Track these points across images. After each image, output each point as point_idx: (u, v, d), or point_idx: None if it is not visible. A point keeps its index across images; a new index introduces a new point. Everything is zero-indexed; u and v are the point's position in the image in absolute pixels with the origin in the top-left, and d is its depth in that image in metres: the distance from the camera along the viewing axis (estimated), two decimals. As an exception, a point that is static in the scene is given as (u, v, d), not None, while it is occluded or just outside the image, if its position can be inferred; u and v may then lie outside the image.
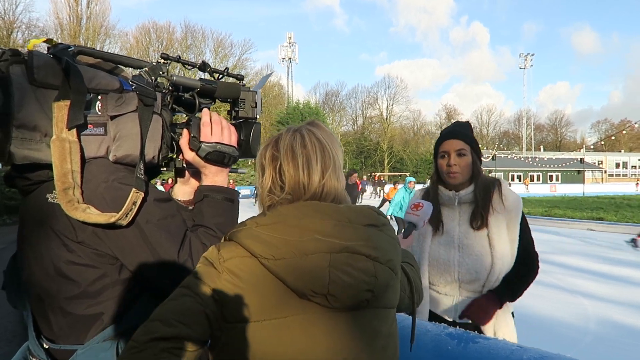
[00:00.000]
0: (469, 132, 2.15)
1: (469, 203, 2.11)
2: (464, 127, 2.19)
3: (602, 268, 8.08)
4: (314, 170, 1.04)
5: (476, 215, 2.06)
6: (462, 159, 2.08)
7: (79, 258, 1.10)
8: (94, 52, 1.19)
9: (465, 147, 2.08)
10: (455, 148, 2.08)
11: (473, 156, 2.10)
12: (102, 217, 1.04)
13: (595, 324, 5.26)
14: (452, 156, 2.08)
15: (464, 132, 2.14)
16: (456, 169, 2.07)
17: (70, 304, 1.11)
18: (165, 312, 0.92)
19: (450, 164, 2.08)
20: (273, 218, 0.98)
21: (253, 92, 1.32)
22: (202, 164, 1.25)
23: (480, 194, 2.07)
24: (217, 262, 0.96)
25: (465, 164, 2.08)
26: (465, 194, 2.10)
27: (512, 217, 2.04)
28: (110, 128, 1.12)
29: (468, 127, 2.21)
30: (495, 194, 2.07)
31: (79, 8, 39.25)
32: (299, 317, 0.95)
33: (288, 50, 67.52)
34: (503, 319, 2.01)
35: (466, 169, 2.09)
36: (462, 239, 2.08)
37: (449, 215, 2.16)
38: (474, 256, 2.03)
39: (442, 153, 2.14)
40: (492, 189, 2.08)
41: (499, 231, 2.02)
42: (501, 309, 2.01)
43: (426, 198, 2.21)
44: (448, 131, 2.18)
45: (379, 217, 1.06)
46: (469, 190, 2.10)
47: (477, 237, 2.05)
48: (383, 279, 0.99)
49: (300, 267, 0.93)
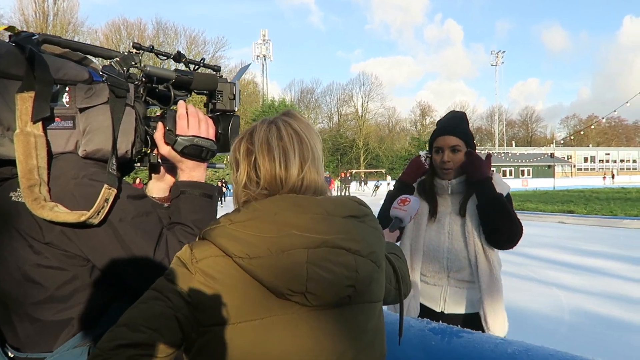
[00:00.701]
0: (464, 125, 2.17)
1: (461, 193, 2.15)
2: (460, 119, 2.20)
3: (575, 259, 8.28)
4: (291, 163, 0.98)
5: (464, 203, 2.10)
6: (457, 155, 2.11)
7: (46, 260, 1.03)
8: (60, 41, 1.12)
9: (459, 143, 2.10)
10: (449, 144, 2.11)
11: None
12: (72, 215, 0.98)
13: (569, 315, 5.39)
14: (447, 152, 2.11)
15: (460, 125, 2.15)
16: (450, 165, 2.10)
17: (37, 310, 1.04)
18: (133, 317, 0.86)
19: (445, 160, 2.10)
20: (247, 214, 0.93)
21: (231, 84, 1.27)
22: (178, 158, 1.19)
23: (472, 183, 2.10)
24: (190, 263, 0.91)
25: (460, 159, 2.11)
26: (457, 182, 2.14)
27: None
28: (79, 121, 1.05)
29: (463, 119, 2.22)
30: None
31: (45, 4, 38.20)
32: (278, 318, 0.90)
33: (262, 48, 67.08)
34: (494, 309, 2.01)
35: (460, 164, 2.12)
36: (452, 226, 2.11)
37: (442, 204, 2.19)
38: (462, 244, 2.07)
39: (437, 148, 2.15)
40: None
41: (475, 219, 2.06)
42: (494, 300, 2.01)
43: (421, 189, 2.23)
44: (443, 126, 2.18)
45: (360, 207, 1.02)
46: (461, 180, 2.14)
47: (463, 225, 2.09)
48: (365, 272, 0.95)
49: (277, 265, 0.88)
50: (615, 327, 4.93)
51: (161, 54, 1.23)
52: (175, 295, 0.89)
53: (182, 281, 0.90)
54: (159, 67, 1.18)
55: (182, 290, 0.89)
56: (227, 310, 0.88)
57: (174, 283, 0.90)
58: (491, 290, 2.00)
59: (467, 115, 2.32)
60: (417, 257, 2.15)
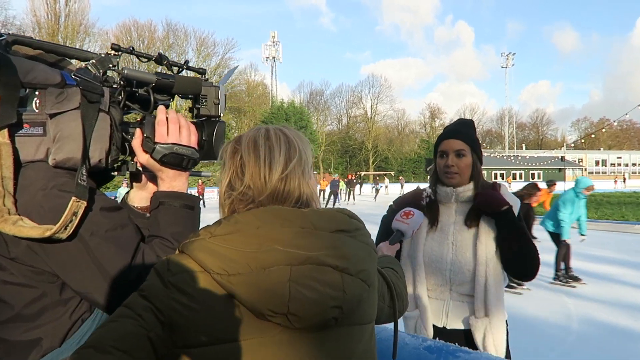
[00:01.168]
0: (470, 132, 2.07)
1: (467, 202, 2.04)
2: (466, 126, 2.10)
3: (584, 266, 8.11)
4: (275, 161, 0.93)
5: (472, 214, 2.00)
6: (461, 159, 2.00)
7: (12, 276, 0.96)
8: (31, 42, 1.05)
9: (464, 148, 2.00)
10: (454, 148, 2.00)
11: (473, 157, 2.02)
12: (37, 230, 0.91)
13: (578, 323, 5.26)
14: (451, 156, 2.00)
15: (466, 131, 2.05)
16: (454, 169, 1.99)
17: (3, 329, 0.98)
18: (101, 337, 0.79)
19: (448, 164, 2.00)
20: (229, 227, 0.87)
21: (216, 88, 1.20)
22: (157, 167, 1.12)
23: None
24: (165, 277, 0.84)
25: (465, 165, 2.00)
26: (463, 190, 2.03)
27: None
28: (49, 128, 0.99)
29: (471, 125, 2.12)
30: None
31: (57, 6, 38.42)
32: (258, 341, 0.83)
33: (272, 49, 67.06)
34: (494, 325, 1.90)
35: (465, 170, 2.01)
36: (457, 237, 2.00)
37: (444, 212, 2.08)
38: (467, 255, 1.95)
39: (441, 152, 2.05)
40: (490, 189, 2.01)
41: (488, 232, 1.94)
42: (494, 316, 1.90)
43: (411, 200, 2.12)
44: (448, 130, 2.09)
45: (351, 221, 0.95)
46: (468, 188, 2.03)
47: (470, 236, 1.98)
48: (353, 293, 0.88)
49: (257, 283, 0.81)
50: (625, 337, 4.79)
51: (142, 56, 1.16)
52: (148, 313, 0.82)
53: (155, 297, 0.83)
54: (138, 70, 1.11)
55: (156, 307, 0.82)
56: (203, 331, 0.82)
57: (147, 299, 0.84)
58: (496, 307, 1.90)
59: (477, 117, 2.28)
60: (418, 269, 2.03)
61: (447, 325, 1.97)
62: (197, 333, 0.82)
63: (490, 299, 1.89)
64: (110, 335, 0.80)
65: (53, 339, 1.00)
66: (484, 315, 1.91)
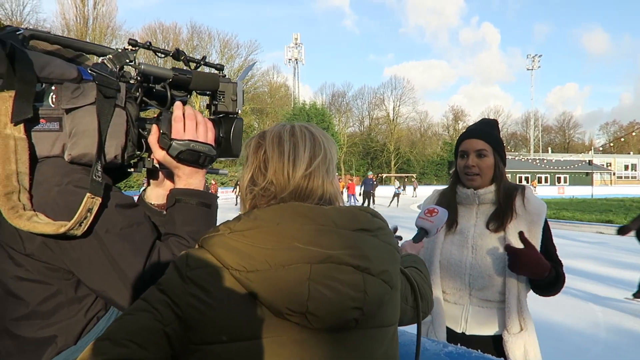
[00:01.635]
0: (493, 131, 1.99)
1: (489, 204, 1.96)
2: (489, 126, 2.01)
3: (613, 273, 7.88)
4: (300, 158, 0.92)
5: (495, 217, 1.90)
6: (483, 160, 1.91)
7: (27, 273, 0.95)
8: (48, 37, 1.05)
9: (486, 148, 1.91)
10: (475, 148, 1.92)
11: (495, 158, 1.93)
12: (51, 226, 0.90)
13: (605, 332, 5.10)
14: (472, 157, 1.92)
15: (488, 130, 1.97)
16: (475, 170, 1.91)
17: (18, 326, 0.97)
18: (117, 330, 0.79)
19: (469, 165, 1.91)
20: (248, 223, 0.85)
21: (233, 84, 1.17)
22: (174, 164, 1.10)
23: (502, 196, 1.91)
24: (184, 272, 0.83)
25: (486, 165, 1.91)
26: (484, 192, 1.94)
27: (534, 222, 1.87)
28: (66, 123, 0.97)
29: (494, 125, 2.04)
30: (517, 196, 1.92)
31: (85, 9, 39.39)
32: (275, 340, 0.81)
33: (294, 51, 67.39)
34: (532, 337, 1.83)
35: (486, 171, 1.92)
36: (477, 240, 1.91)
37: (464, 215, 1.99)
38: (488, 260, 1.86)
39: (462, 152, 1.97)
40: (515, 192, 1.93)
41: (517, 239, 1.84)
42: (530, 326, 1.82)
43: (442, 198, 2.05)
44: (470, 129, 2.01)
45: (373, 219, 0.92)
46: (489, 190, 1.94)
47: (492, 240, 1.89)
48: (375, 294, 0.84)
49: (276, 280, 0.79)
50: (656, 348, 4.61)
51: (159, 51, 1.15)
52: (165, 308, 0.81)
53: (173, 292, 0.82)
54: (155, 65, 1.09)
55: (173, 301, 0.81)
56: (220, 327, 0.80)
57: (164, 293, 0.82)
58: (529, 317, 1.82)
59: (501, 120, 2.20)
60: (434, 266, 1.95)
61: (466, 330, 1.89)
62: (214, 330, 0.80)
63: (524, 310, 1.82)
64: (126, 328, 0.79)
65: (68, 336, 0.99)
66: (519, 329, 1.82)
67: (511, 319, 1.82)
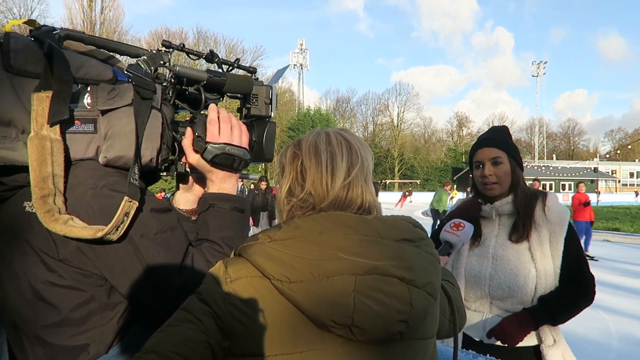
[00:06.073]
0: (505, 138, 1.95)
1: (509, 215, 1.92)
2: (500, 133, 1.99)
3: (623, 281, 7.79)
4: (338, 167, 0.90)
5: (516, 228, 1.87)
6: (499, 167, 1.87)
7: (60, 279, 0.93)
8: (83, 37, 1.03)
9: (501, 155, 1.87)
10: (489, 156, 1.88)
11: (512, 163, 1.89)
12: (88, 230, 0.87)
13: (618, 341, 5.04)
14: (487, 165, 1.88)
15: (500, 138, 1.94)
16: (492, 179, 1.87)
17: (49, 333, 0.94)
18: (162, 342, 0.77)
19: (485, 174, 1.88)
20: (289, 232, 0.83)
21: (267, 87, 1.15)
22: (208, 168, 1.08)
23: (520, 205, 1.87)
24: (224, 282, 0.81)
25: (503, 173, 1.87)
26: (501, 204, 1.90)
27: (556, 231, 1.83)
28: (100, 125, 0.95)
29: (505, 132, 2.01)
30: (537, 204, 1.88)
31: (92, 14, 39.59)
32: (318, 352, 0.79)
33: (299, 57, 67.61)
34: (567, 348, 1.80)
35: (504, 179, 1.88)
36: (498, 251, 1.88)
37: (487, 226, 1.97)
38: (509, 270, 1.82)
39: (477, 163, 1.94)
40: (535, 199, 1.89)
41: (541, 246, 1.81)
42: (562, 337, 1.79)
43: (465, 211, 1.99)
44: (481, 139, 1.98)
45: (415, 230, 0.90)
46: (506, 201, 1.90)
47: (514, 251, 1.85)
48: (420, 306, 0.82)
49: (320, 292, 0.77)
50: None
51: (192, 53, 1.13)
52: (208, 318, 0.79)
53: (214, 302, 0.80)
54: (190, 67, 1.07)
55: (215, 313, 0.79)
56: (262, 340, 0.78)
57: (206, 304, 0.80)
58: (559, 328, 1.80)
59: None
60: (459, 280, 1.93)
61: (484, 339, 1.86)
62: (255, 342, 0.78)
63: None
64: (171, 340, 0.78)
65: (100, 345, 0.96)
66: (553, 341, 1.78)
67: (544, 331, 1.78)
